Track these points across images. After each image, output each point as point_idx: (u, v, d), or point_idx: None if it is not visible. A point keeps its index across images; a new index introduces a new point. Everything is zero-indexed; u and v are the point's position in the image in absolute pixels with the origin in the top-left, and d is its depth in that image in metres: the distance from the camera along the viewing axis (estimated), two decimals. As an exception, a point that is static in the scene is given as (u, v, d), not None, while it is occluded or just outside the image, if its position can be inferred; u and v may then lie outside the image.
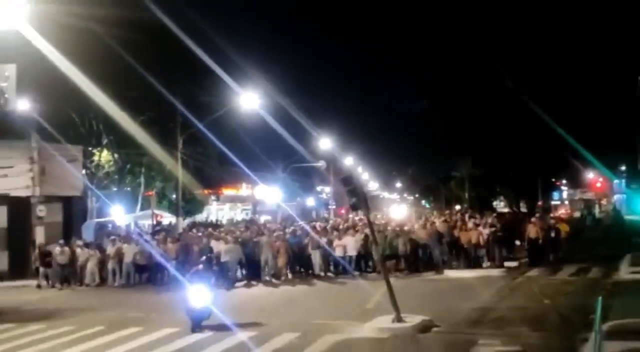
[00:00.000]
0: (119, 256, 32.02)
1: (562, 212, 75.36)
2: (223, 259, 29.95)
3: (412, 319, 18.64)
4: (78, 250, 32.82)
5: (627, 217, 48.55)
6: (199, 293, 18.84)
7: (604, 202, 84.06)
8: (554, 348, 15.59)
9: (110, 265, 32.18)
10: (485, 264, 31.66)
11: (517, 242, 34.63)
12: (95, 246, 33.94)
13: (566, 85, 51.21)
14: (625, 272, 27.42)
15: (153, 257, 31.42)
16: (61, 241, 33.13)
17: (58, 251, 32.22)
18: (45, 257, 32.40)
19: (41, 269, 32.44)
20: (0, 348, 18.81)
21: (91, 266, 32.32)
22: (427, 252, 32.05)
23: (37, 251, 33.20)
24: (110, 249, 32.56)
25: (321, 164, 72.20)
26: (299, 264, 32.56)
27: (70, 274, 32.55)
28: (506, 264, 31.49)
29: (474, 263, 31.70)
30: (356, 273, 30.52)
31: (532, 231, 32.13)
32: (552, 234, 32.05)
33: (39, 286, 32.32)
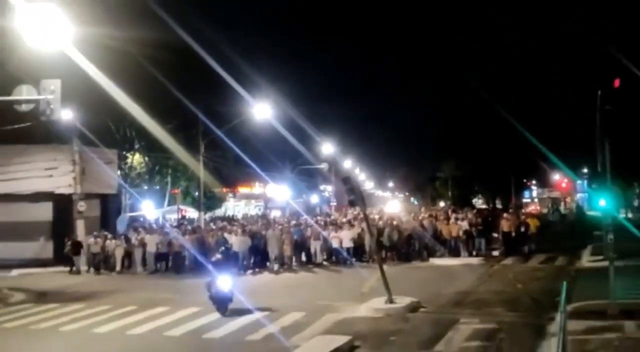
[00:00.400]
0: (143, 245, 31.61)
1: (532, 208, 75.30)
2: (234, 249, 29.21)
3: (403, 301, 18.73)
4: (107, 241, 32.56)
5: (589, 213, 48.52)
6: (223, 280, 18.36)
7: (568, 200, 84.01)
8: (525, 326, 15.65)
9: (135, 254, 31.80)
10: (463, 254, 31.17)
11: (495, 235, 33.87)
12: (122, 236, 33.57)
13: (535, 97, 51.17)
14: (586, 261, 27.50)
15: (173, 246, 30.96)
16: (95, 233, 33.11)
17: (92, 241, 32.25)
18: (76, 247, 32.26)
19: (74, 257, 32.13)
20: (47, 324, 18.93)
21: (119, 254, 31.96)
22: (414, 243, 31.73)
23: (69, 241, 32.65)
24: (134, 240, 32.26)
25: (324, 165, 72.24)
26: (302, 254, 32.09)
27: (101, 262, 32.32)
28: (484, 253, 31.41)
29: (454, 253, 31.27)
30: (354, 260, 30.39)
31: (505, 225, 31.96)
32: (522, 229, 31.72)
33: (71, 271, 32.12)
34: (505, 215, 34.00)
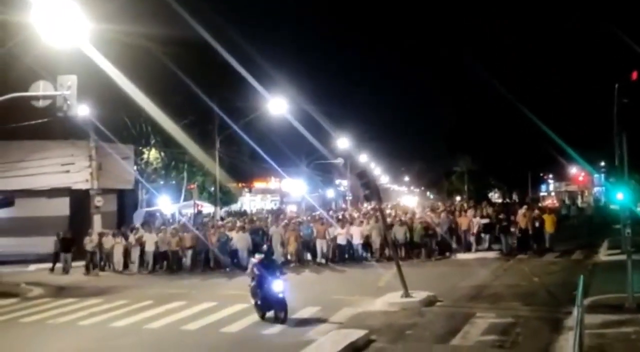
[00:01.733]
0: (140, 244, 30.60)
1: (549, 202, 74.95)
2: (235, 246, 29.56)
3: (419, 295, 18.72)
4: (104, 238, 31.64)
5: (608, 207, 48.25)
6: (277, 283, 16.41)
7: (585, 193, 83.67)
8: (541, 320, 15.59)
9: (132, 252, 30.74)
10: (480, 247, 30.75)
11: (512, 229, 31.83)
12: (120, 234, 32.18)
13: (553, 90, 50.97)
14: (603, 254, 27.35)
15: (171, 245, 30.15)
16: (90, 230, 32.65)
17: (88, 239, 31.32)
18: (67, 243, 31.09)
19: (62, 254, 30.91)
20: (64, 319, 19.06)
21: (118, 252, 30.82)
22: (431, 240, 30.34)
23: (57, 237, 31.24)
24: (131, 238, 31.14)
25: (339, 160, 72.19)
26: (308, 252, 30.93)
27: (100, 260, 31.65)
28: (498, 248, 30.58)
29: (466, 248, 30.72)
30: (369, 256, 30.16)
31: (523, 221, 30.17)
32: (537, 224, 29.81)
33: (52, 270, 31.15)
34: (522, 211, 31.84)
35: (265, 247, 19.74)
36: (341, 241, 30.32)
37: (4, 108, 21.93)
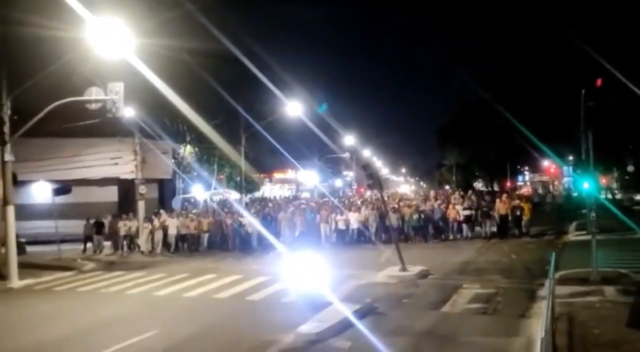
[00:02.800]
0: (164, 228, 29.77)
1: (524, 190, 74.72)
2: (249, 230, 28.94)
3: (414, 269, 18.75)
4: (128, 222, 30.76)
5: (574, 195, 48.28)
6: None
7: (556, 183, 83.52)
8: (519, 290, 15.62)
9: (156, 235, 29.79)
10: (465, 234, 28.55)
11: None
12: (147, 219, 31.16)
13: (528, 93, 50.94)
14: (572, 235, 27.33)
15: (190, 228, 29.53)
16: (123, 215, 31.55)
17: (122, 223, 30.51)
18: (99, 226, 30.85)
19: (95, 237, 30.72)
20: (114, 288, 19.19)
21: (143, 235, 30.16)
22: (428, 225, 29.01)
23: (87, 221, 30.98)
24: (156, 222, 30.23)
25: (346, 154, 72.17)
26: (311, 235, 28.94)
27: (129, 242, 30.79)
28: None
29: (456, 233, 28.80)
30: (375, 239, 28.24)
31: (502, 208, 28.42)
32: (517, 212, 28.38)
33: (84, 251, 30.43)
34: (503, 198, 30.11)
35: None
36: (341, 225, 29.20)
37: (63, 110, 22.03)
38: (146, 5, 29.34)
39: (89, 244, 30.95)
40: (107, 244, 31.36)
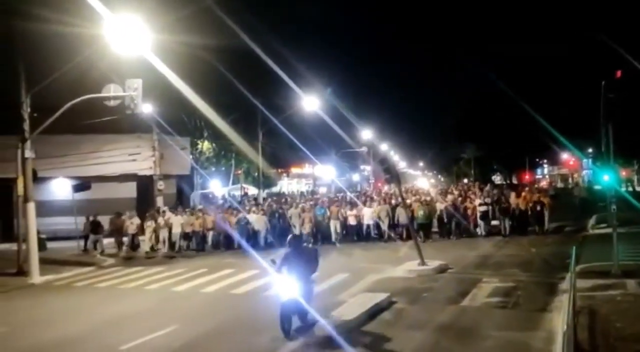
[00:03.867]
0: (168, 226, 27.93)
1: (543, 183, 74.37)
2: (255, 227, 27.48)
3: (433, 263, 18.72)
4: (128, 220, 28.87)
5: (595, 187, 47.88)
6: (287, 284, 11.79)
7: (575, 176, 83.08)
8: (539, 284, 15.52)
9: (160, 234, 28.02)
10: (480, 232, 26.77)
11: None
12: (150, 216, 29.06)
13: (547, 86, 50.70)
14: (592, 228, 27.08)
15: (194, 226, 27.94)
16: (127, 213, 29.67)
17: (129, 222, 28.64)
18: (97, 226, 28.93)
19: (91, 236, 28.81)
20: (134, 284, 19.28)
21: (147, 234, 28.20)
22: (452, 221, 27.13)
23: (87, 219, 29.24)
24: (160, 220, 28.39)
25: (363, 149, 71.92)
26: (321, 233, 28.02)
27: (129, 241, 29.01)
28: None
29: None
30: (392, 235, 26.96)
31: (522, 203, 26.95)
32: (538, 208, 26.42)
33: (85, 250, 28.84)
34: (523, 193, 28.67)
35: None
36: (352, 221, 27.94)
37: (82, 107, 22.14)
38: (163, 1, 29.38)
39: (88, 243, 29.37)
40: (109, 241, 29.84)
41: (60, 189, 33.43)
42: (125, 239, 28.93)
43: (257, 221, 27.71)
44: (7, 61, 21.93)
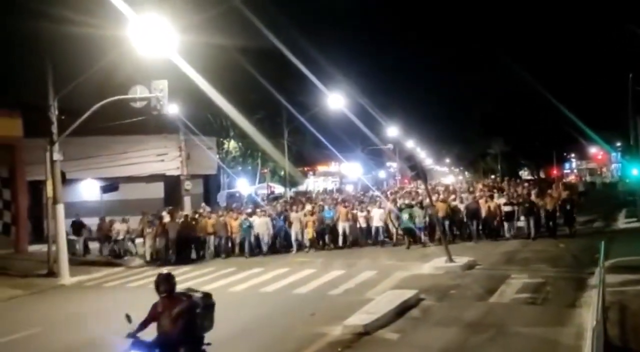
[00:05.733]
0: (165, 231, 25.25)
1: (571, 178, 73.72)
2: (256, 231, 25.12)
3: (460, 260, 18.69)
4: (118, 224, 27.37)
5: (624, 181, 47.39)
6: None
7: (604, 170, 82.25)
8: (568, 280, 15.44)
9: (158, 241, 25.28)
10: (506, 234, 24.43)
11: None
12: (149, 223, 26.63)
13: (575, 79, 50.25)
14: (621, 223, 26.84)
15: (195, 233, 25.44)
16: (121, 218, 27.83)
17: (121, 226, 27.16)
18: (79, 227, 27.71)
19: (75, 238, 27.20)
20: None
21: (148, 241, 25.71)
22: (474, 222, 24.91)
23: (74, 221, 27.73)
24: (157, 227, 25.60)
25: (389, 146, 71.82)
26: (325, 237, 26.01)
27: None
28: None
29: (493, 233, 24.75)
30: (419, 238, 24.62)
31: (550, 203, 24.55)
32: (568, 207, 24.36)
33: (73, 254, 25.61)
34: (549, 192, 26.68)
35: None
36: (362, 223, 26.05)
37: (109, 109, 22.39)
38: (187, 2, 29.60)
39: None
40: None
41: (88, 190, 33.89)
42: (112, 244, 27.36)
43: (259, 224, 25.38)
44: (35, 64, 22.28)
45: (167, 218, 26.61)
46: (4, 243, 27.22)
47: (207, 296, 8.58)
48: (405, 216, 24.42)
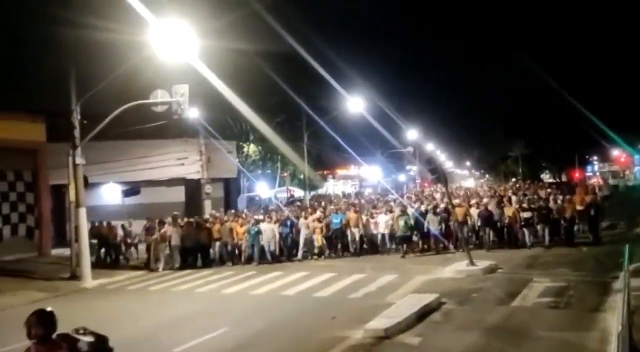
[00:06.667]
0: (164, 239, 24.66)
1: (594, 181, 73.16)
2: (264, 238, 23.86)
3: (482, 264, 18.57)
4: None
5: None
6: None
7: (627, 172, 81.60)
8: (591, 284, 15.27)
9: (158, 249, 24.48)
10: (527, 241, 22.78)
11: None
12: (144, 229, 26.13)
13: (596, 81, 49.89)
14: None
15: (199, 239, 24.55)
16: (121, 224, 27.19)
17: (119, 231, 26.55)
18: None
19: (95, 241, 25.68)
20: (185, 287, 19.55)
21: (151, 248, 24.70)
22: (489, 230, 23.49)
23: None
24: (156, 234, 24.74)
25: (409, 149, 71.61)
26: (337, 245, 24.66)
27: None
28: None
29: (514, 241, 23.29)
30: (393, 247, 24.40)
31: (569, 209, 23.16)
32: (592, 212, 22.75)
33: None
34: (569, 197, 24.93)
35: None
36: (373, 229, 24.73)
37: (130, 113, 22.56)
38: (206, 7, 29.69)
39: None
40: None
41: (110, 194, 34.10)
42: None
43: (265, 230, 24.08)
44: (58, 70, 22.49)
45: (166, 226, 25.19)
46: (27, 246, 27.44)
47: (100, 341, 5.83)
48: (400, 223, 23.29)
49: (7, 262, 25.07)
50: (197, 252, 24.89)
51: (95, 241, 25.27)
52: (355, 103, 41.52)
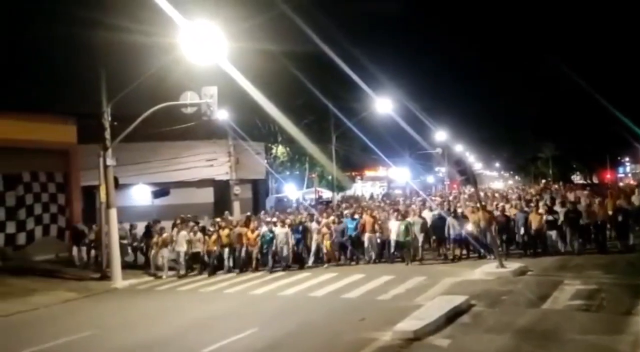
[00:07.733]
0: (166, 244, 23.55)
1: (627, 182, 72.12)
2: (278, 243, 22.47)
3: (512, 266, 18.40)
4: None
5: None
6: None
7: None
8: (623, 286, 15.04)
9: (159, 255, 23.61)
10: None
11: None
12: (144, 233, 25.99)
13: (627, 80, 49.30)
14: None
15: (208, 244, 23.32)
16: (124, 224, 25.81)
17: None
18: (77, 235, 26.31)
19: (74, 247, 26.13)
20: (213, 288, 19.65)
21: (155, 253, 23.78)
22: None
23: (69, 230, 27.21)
24: (156, 238, 23.95)
25: (438, 150, 71.33)
26: (347, 251, 22.95)
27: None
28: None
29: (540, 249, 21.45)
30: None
31: (600, 213, 21.42)
32: (621, 217, 21.00)
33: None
34: (598, 200, 23.06)
35: None
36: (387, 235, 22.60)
37: (160, 115, 22.71)
38: (235, 9, 29.83)
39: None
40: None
41: (140, 195, 34.38)
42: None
43: (278, 234, 22.72)
44: (89, 72, 22.75)
45: (168, 231, 24.53)
46: (58, 247, 27.75)
47: None
48: (401, 228, 21.59)
49: (39, 262, 25.39)
50: (203, 258, 23.51)
51: (125, 242, 25.25)
52: (384, 104, 41.53)
